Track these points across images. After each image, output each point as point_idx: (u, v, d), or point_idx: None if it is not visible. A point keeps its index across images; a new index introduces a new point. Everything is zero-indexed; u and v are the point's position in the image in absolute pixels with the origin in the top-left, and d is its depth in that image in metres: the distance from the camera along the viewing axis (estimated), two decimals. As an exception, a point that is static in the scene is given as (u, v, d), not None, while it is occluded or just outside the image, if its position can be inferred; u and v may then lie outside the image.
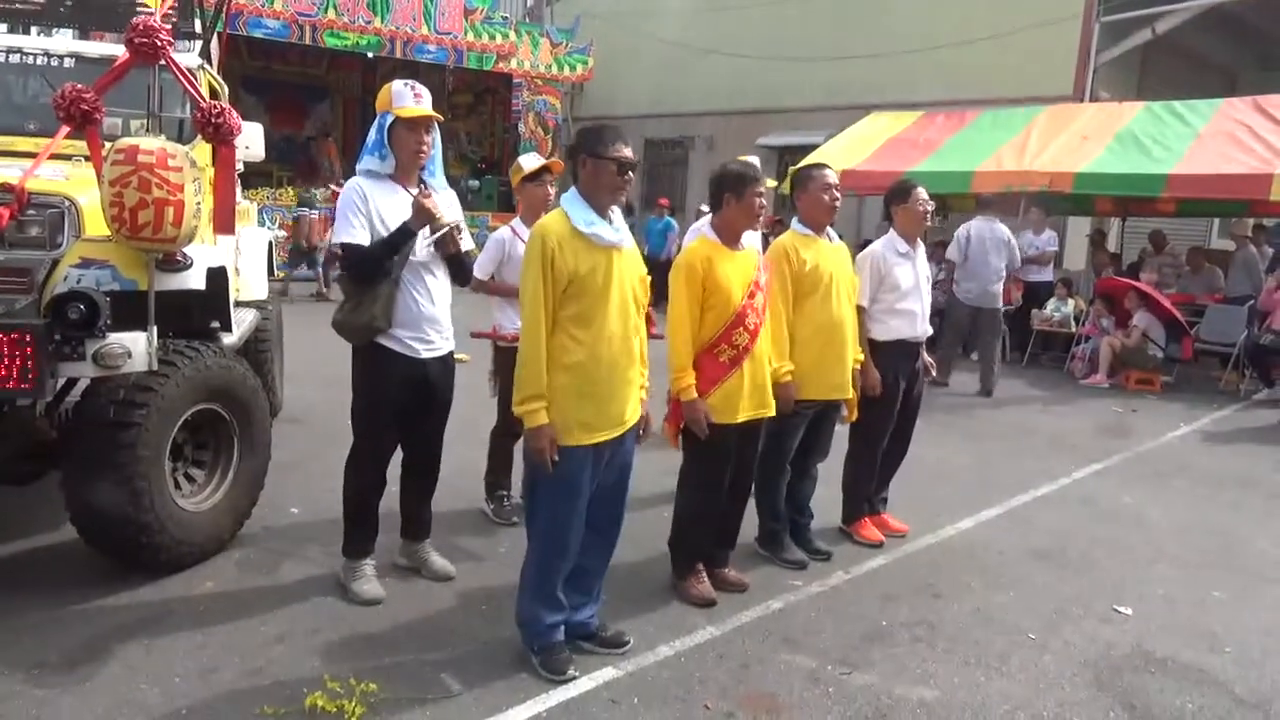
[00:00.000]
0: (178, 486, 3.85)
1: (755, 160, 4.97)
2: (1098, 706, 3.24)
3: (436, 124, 3.63)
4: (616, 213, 3.19)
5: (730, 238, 3.77)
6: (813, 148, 13.13)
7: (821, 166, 4.34)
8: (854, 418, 4.49)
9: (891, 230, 4.79)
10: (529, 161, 4.55)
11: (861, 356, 4.42)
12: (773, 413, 3.90)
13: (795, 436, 4.23)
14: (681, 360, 3.66)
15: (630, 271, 3.18)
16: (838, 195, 4.23)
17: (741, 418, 3.73)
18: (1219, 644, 3.78)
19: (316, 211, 13.47)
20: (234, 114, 3.63)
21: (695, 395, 3.65)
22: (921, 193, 4.72)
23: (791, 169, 12.33)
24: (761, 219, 3.85)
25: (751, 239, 5.19)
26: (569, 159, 3.19)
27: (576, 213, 3.07)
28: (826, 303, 4.16)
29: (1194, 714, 3.23)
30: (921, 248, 4.87)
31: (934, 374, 5.08)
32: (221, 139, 3.59)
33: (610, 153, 3.08)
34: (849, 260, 4.39)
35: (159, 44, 3.38)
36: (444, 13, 15.57)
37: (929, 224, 4.88)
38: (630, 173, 3.12)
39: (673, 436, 3.80)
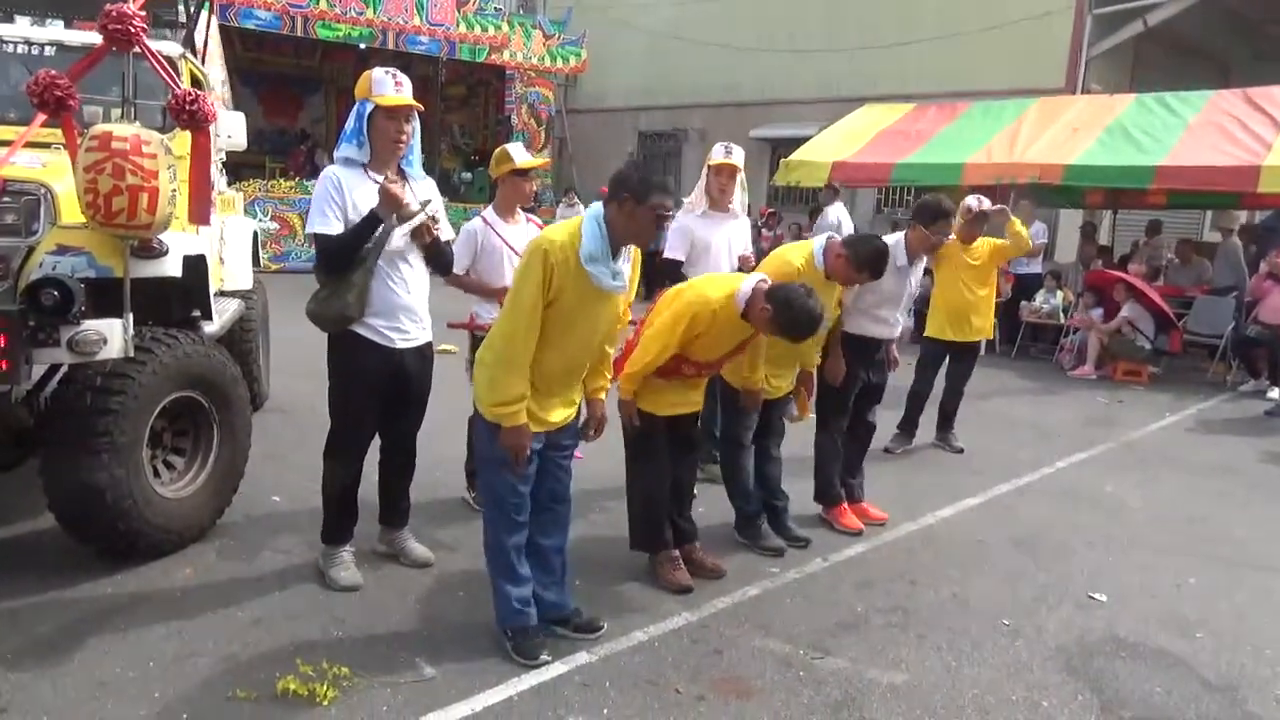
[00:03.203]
0: (157, 474, 3.86)
1: (728, 147, 4.94)
2: (1067, 691, 3.26)
3: (416, 113, 3.63)
4: (627, 252, 3.12)
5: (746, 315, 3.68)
6: (805, 139, 13.14)
7: (883, 256, 4.11)
8: (804, 416, 4.57)
9: (901, 239, 4.78)
10: (519, 154, 4.44)
11: (817, 362, 4.47)
12: (699, 408, 4.00)
13: (747, 419, 4.29)
14: (636, 374, 3.72)
15: (610, 313, 3.19)
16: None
17: (673, 412, 3.86)
18: (1191, 629, 3.81)
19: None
20: (209, 101, 3.63)
21: (632, 398, 3.77)
22: (949, 226, 4.78)
23: (785, 160, 12.40)
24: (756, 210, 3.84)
25: (741, 227, 5.23)
26: (613, 183, 3.04)
27: (589, 243, 2.96)
28: None
29: (1163, 698, 3.26)
30: (922, 262, 4.88)
31: (897, 366, 5.09)
32: (195, 126, 3.59)
33: (653, 202, 2.97)
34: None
35: (132, 31, 3.37)
36: (436, 4, 15.56)
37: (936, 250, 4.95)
38: (666, 223, 3.10)
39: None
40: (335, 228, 3.45)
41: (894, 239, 4.79)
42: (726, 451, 4.38)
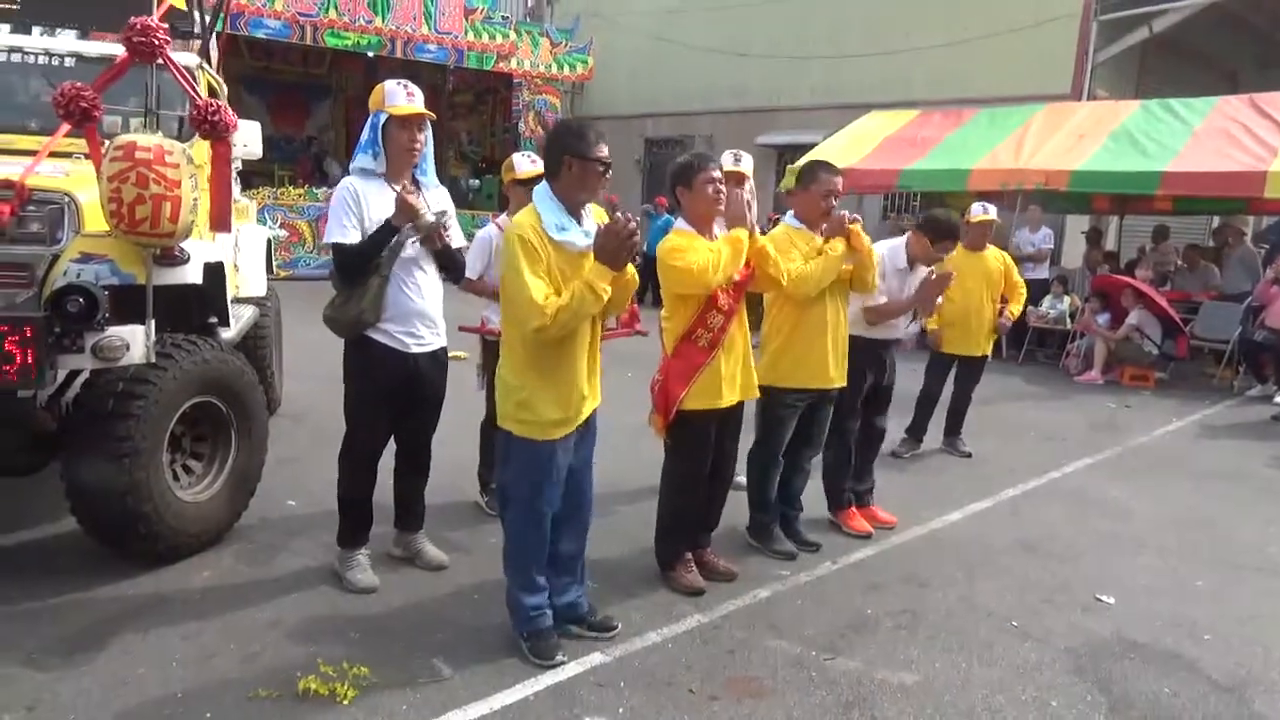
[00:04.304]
0: (176, 478, 3.92)
1: (737, 154, 4.98)
2: (1076, 692, 3.30)
3: (429, 122, 3.70)
4: (589, 210, 3.19)
5: (700, 227, 3.80)
6: (811, 146, 13.19)
7: (830, 169, 4.29)
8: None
9: (902, 244, 4.97)
10: (520, 165, 4.54)
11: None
12: (756, 395, 3.98)
13: (787, 427, 4.29)
14: (730, 247, 3.64)
15: None
16: (835, 204, 4.22)
17: (725, 403, 3.81)
18: (1199, 631, 3.84)
19: None
20: (229, 111, 3.70)
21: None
22: (953, 246, 4.93)
23: (790, 166, 12.47)
24: (721, 204, 3.75)
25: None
26: (547, 155, 3.15)
27: (549, 216, 3.04)
28: (820, 297, 4.18)
29: (1170, 698, 3.29)
30: (921, 270, 4.95)
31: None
32: (217, 135, 3.66)
33: (595, 154, 3.05)
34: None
35: (156, 43, 3.45)
36: (444, 12, 15.65)
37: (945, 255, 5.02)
38: (609, 172, 3.12)
39: (660, 426, 3.87)
40: (352, 237, 3.52)
41: (897, 242, 5.00)
42: (758, 461, 4.38)
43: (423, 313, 3.69)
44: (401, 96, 3.59)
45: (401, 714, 2.92)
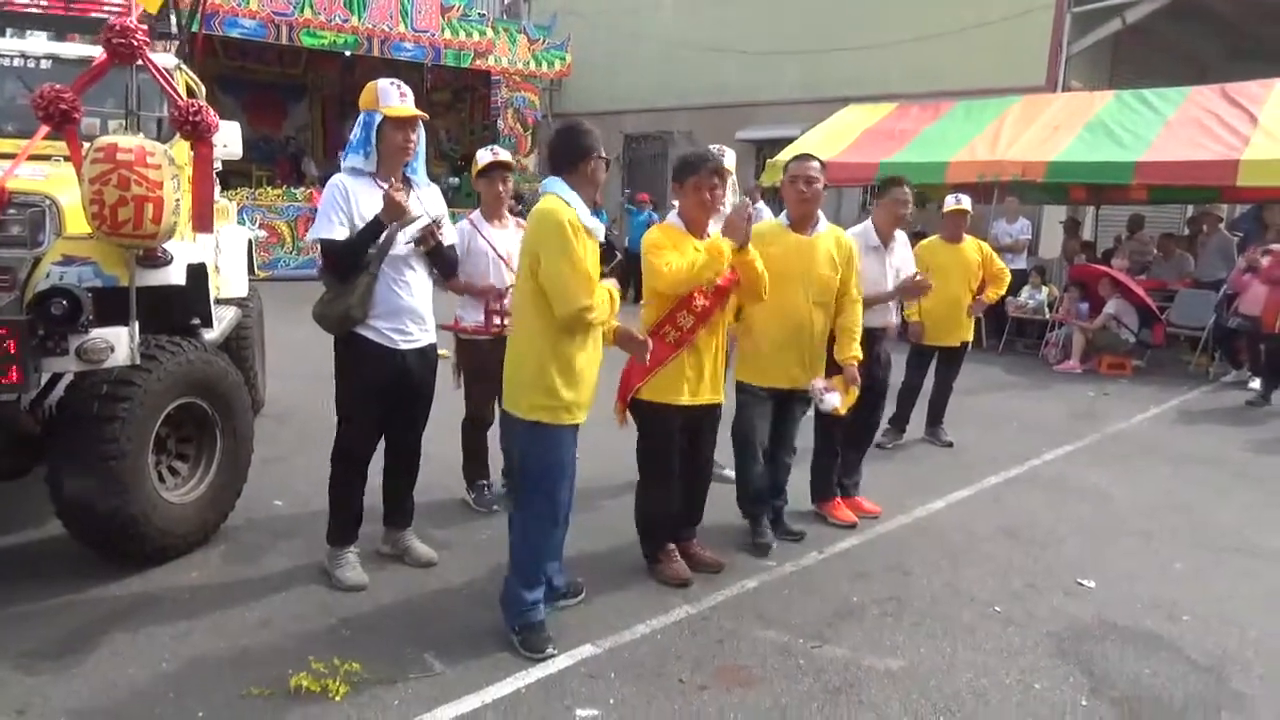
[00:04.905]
0: (161, 479, 3.92)
1: (720, 149, 5.00)
2: (1059, 673, 3.36)
3: (421, 122, 3.72)
4: None
5: (692, 226, 3.83)
6: (791, 140, 13.24)
7: (800, 158, 4.32)
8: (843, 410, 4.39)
9: (869, 222, 4.96)
10: (483, 157, 4.63)
11: (853, 354, 4.34)
12: (720, 400, 4.00)
13: (755, 421, 4.28)
14: (671, 284, 3.63)
15: (595, 261, 3.30)
16: (804, 189, 4.21)
17: (685, 401, 3.83)
18: (1178, 613, 3.91)
19: None
20: (211, 112, 3.70)
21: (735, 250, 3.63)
22: (902, 191, 4.84)
23: (771, 161, 12.53)
24: (709, 210, 3.78)
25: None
26: (567, 151, 3.24)
27: (581, 206, 3.19)
28: (788, 294, 4.14)
29: (1150, 678, 3.36)
30: (899, 242, 4.99)
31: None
32: (199, 136, 3.65)
33: (601, 152, 3.27)
34: (833, 250, 4.31)
35: (136, 44, 3.44)
36: (421, 10, 15.60)
37: (907, 221, 5.01)
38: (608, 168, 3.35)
39: (620, 414, 3.94)
40: (340, 233, 3.53)
41: (861, 226, 5.06)
42: (734, 444, 4.38)
43: (411, 309, 3.71)
44: (395, 97, 3.61)
45: (394, 709, 2.94)
